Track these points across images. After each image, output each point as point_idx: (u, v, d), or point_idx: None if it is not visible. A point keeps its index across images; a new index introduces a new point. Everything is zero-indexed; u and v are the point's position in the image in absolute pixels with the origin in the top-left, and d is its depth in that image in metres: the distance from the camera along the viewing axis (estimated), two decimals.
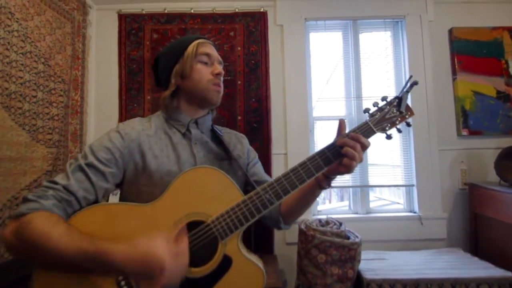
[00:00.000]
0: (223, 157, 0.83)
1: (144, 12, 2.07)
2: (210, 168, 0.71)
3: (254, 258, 0.68)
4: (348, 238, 1.51)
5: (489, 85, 2.02)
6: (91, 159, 0.69)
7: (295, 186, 0.68)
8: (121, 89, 2.05)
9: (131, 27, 2.07)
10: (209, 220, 0.67)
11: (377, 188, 2.23)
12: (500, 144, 1.93)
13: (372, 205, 2.08)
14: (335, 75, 2.13)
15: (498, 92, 2.02)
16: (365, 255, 1.61)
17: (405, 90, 0.72)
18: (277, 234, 1.91)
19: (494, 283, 1.46)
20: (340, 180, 1.99)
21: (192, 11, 2.06)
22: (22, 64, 1.42)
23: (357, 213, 2.01)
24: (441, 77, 2.04)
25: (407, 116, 0.73)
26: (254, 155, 0.93)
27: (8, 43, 1.34)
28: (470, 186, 1.91)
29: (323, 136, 2.06)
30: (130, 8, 2.08)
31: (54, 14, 1.65)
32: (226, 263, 0.65)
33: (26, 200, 0.61)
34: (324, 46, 2.13)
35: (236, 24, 2.06)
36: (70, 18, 1.79)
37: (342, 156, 0.69)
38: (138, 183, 0.73)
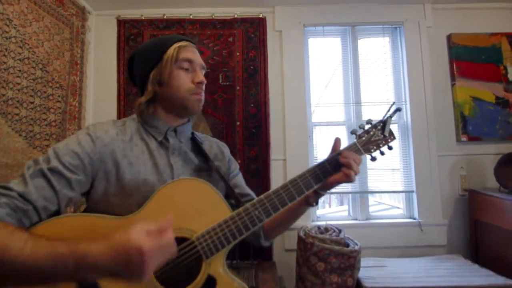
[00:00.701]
0: (202, 168, 0.78)
1: (143, 17, 2.07)
2: (196, 180, 0.67)
3: (237, 279, 0.65)
4: (348, 245, 1.50)
5: (488, 91, 2.02)
6: (55, 163, 0.61)
7: (285, 203, 0.67)
8: (119, 94, 2.04)
9: (130, 32, 2.08)
10: (194, 237, 0.63)
11: (377, 194, 2.22)
12: (499, 150, 1.93)
13: (371, 209, 2.07)
14: (334, 81, 2.13)
15: (497, 98, 2.02)
16: (364, 262, 1.59)
17: (388, 115, 0.76)
18: (276, 241, 1.89)
19: None
20: (339, 185, 1.98)
21: (191, 16, 2.07)
22: (19, 70, 1.42)
23: (356, 219, 1.99)
24: (440, 82, 2.04)
25: (389, 140, 0.76)
26: (235, 166, 0.89)
27: (6, 49, 1.34)
28: (470, 192, 1.90)
29: (322, 142, 2.05)
30: (129, 13, 2.08)
31: (53, 20, 1.65)
32: (210, 284, 0.62)
33: None
34: (323, 52, 2.13)
35: (235, 29, 2.06)
36: (68, 24, 1.79)
37: (332, 172, 0.71)
38: (108, 193, 0.66)
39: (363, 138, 0.75)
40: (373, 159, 0.76)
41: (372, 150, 0.75)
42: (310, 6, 2.05)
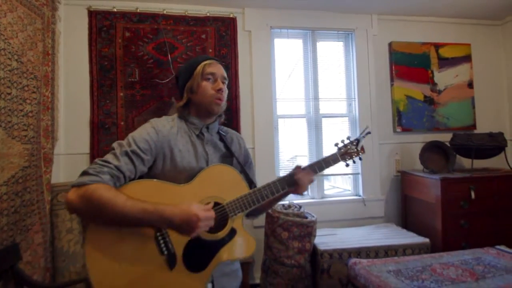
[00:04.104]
0: (227, 155, 1.06)
1: (115, 10, 2.11)
2: (227, 166, 0.96)
3: (249, 232, 0.97)
4: (306, 218, 1.81)
5: (418, 91, 2.47)
6: (134, 147, 0.87)
7: (284, 188, 0.97)
8: (92, 85, 2.08)
9: (102, 24, 2.11)
10: (225, 203, 0.92)
11: (332, 177, 2.59)
12: (425, 139, 2.40)
13: (328, 192, 2.44)
14: (296, 78, 2.41)
15: (425, 96, 2.48)
16: (319, 232, 1.94)
17: (362, 135, 1.07)
18: (246, 220, 2.15)
19: (416, 248, 1.88)
20: None
21: (165, 12, 2.16)
22: None
23: (314, 198, 2.34)
24: (382, 83, 2.44)
25: (360, 153, 1.06)
26: (249, 156, 1.14)
27: None
28: (402, 173, 2.36)
29: (286, 132, 2.34)
30: (101, 5, 2.10)
31: (25, 10, 1.65)
32: (232, 233, 0.93)
33: (86, 173, 0.80)
34: (287, 52, 2.39)
35: (207, 27, 2.21)
36: (40, 13, 1.78)
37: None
38: (164, 169, 0.93)
39: (342, 150, 1.04)
40: (347, 165, 1.05)
41: (347, 159, 1.04)
42: (276, 10, 2.28)
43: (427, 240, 1.93)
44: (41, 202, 1.78)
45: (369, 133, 1.08)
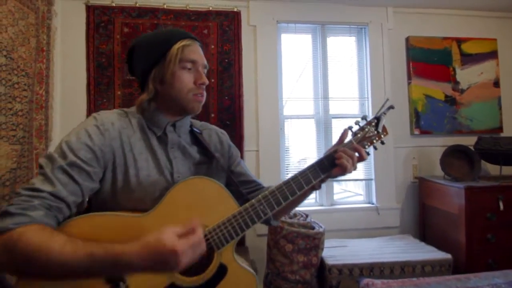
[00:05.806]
0: (201, 161, 0.81)
1: (114, 4, 2.01)
2: (205, 179, 0.72)
3: (246, 265, 0.73)
4: (313, 228, 1.65)
5: (438, 90, 2.26)
6: (73, 158, 0.62)
7: (287, 198, 0.74)
8: (89, 83, 1.99)
9: (100, 19, 2.01)
10: (206, 231, 0.68)
11: (343, 181, 2.42)
12: (446, 143, 2.19)
13: (337, 196, 2.26)
14: (304, 76, 2.25)
15: (446, 96, 2.27)
16: (328, 243, 1.77)
17: (382, 111, 0.82)
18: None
19: (436, 265, 1.69)
20: None
21: (165, 6, 2.05)
22: None
23: (322, 205, 2.17)
24: (398, 81, 2.24)
25: (382, 136, 0.82)
26: (236, 153, 0.91)
27: None
28: (420, 180, 2.15)
29: (293, 134, 2.18)
30: None
31: (17, 4, 1.57)
32: (222, 271, 0.69)
33: (8, 214, 0.56)
34: (295, 48, 2.23)
35: (210, 22, 2.08)
36: (34, 8, 1.70)
37: (330, 168, 0.76)
38: (115, 185, 0.70)
39: (359, 135, 0.80)
40: (367, 153, 0.80)
41: (367, 146, 0.80)
42: (283, 3, 2.13)
43: (449, 255, 1.73)
44: None
45: (391, 107, 0.81)
